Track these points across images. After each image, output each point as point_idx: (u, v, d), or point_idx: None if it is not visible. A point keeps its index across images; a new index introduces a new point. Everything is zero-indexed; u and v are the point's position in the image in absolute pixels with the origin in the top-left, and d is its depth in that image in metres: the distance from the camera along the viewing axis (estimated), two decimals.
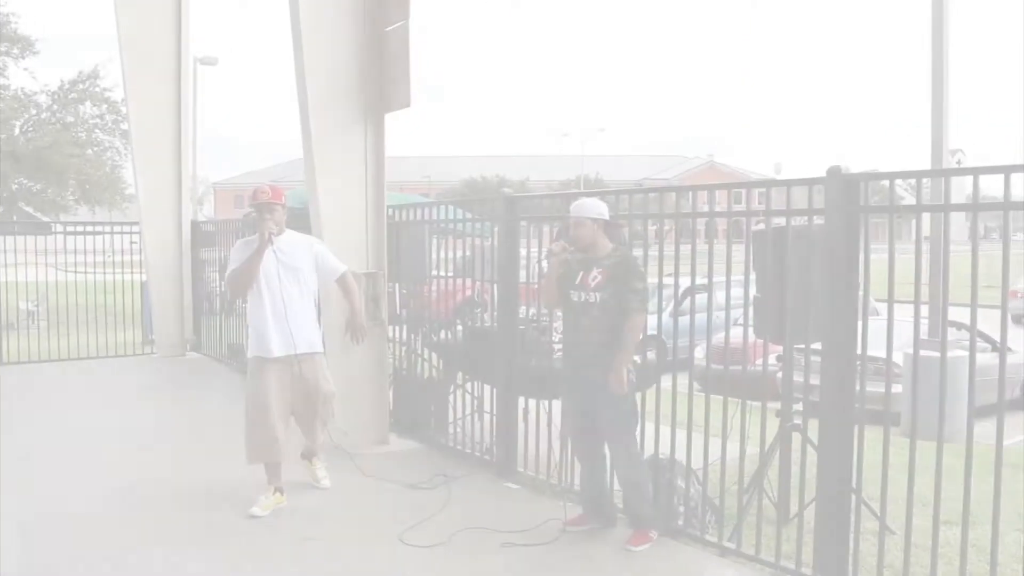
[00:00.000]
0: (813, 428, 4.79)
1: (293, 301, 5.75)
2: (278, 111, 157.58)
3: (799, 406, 5.05)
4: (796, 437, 5.14)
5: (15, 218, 19.37)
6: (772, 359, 5.33)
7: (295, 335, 5.71)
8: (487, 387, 7.15)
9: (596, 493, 5.43)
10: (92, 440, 7.76)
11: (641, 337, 5.20)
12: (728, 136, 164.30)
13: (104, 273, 14.91)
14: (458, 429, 7.40)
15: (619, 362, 4.99)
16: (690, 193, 5.60)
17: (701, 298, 7.15)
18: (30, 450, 7.33)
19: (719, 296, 5.19)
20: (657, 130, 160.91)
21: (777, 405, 5.51)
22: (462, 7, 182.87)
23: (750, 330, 5.23)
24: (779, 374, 7.14)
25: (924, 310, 4.83)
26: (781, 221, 4.86)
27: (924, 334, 7.42)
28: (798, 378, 4.78)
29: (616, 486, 5.44)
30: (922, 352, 4.48)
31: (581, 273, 5.19)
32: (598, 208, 5.22)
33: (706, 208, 5.26)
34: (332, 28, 7.14)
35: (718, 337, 6.70)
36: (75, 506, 5.94)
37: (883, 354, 4.44)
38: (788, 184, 4.79)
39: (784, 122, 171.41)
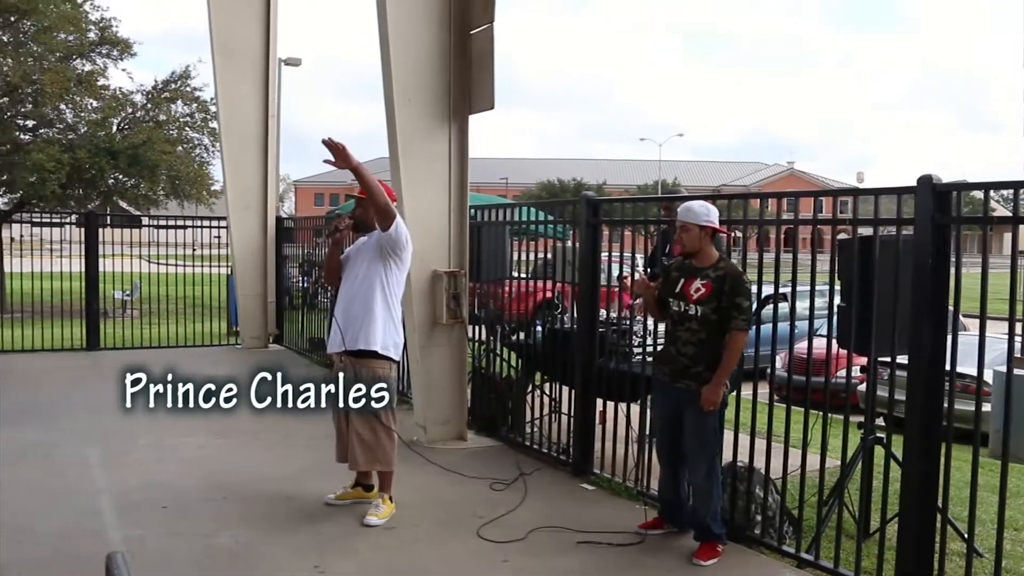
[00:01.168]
0: (897, 442, 4.73)
1: (348, 299, 5.58)
2: (355, 110, 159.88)
3: (882, 419, 4.98)
4: (878, 451, 5.08)
5: (108, 211, 20.03)
6: (855, 371, 5.24)
7: (346, 332, 5.50)
8: (565, 388, 7.19)
9: (674, 499, 5.38)
10: (181, 425, 8.00)
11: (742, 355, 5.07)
12: (808, 142, 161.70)
13: (191, 266, 15.39)
14: (535, 428, 7.47)
15: (717, 380, 4.89)
16: (778, 200, 5.52)
17: (781, 307, 7.09)
18: (128, 431, 7.61)
19: (799, 305, 5.13)
20: (735, 134, 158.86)
21: (859, 418, 5.44)
22: (539, 6, 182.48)
23: (833, 340, 5.16)
24: (860, 386, 7.08)
25: (1018, 327, 4.70)
26: (867, 231, 4.81)
27: (1017, 352, 7.24)
28: (881, 392, 4.72)
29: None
30: (1016, 371, 4.38)
31: (683, 281, 5.05)
32: (707, 213, 5.02)
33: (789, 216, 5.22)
34: (418, 31, 7.26)
35: (799, 347, 6.63)
36: (167, 486, 6.19)
37: (973, 371, 4.35)
38: (876, 192, 4.73)
39: (866, 128, 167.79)
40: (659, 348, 5.65)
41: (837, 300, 5.09)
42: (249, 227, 13.10)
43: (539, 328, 7.72)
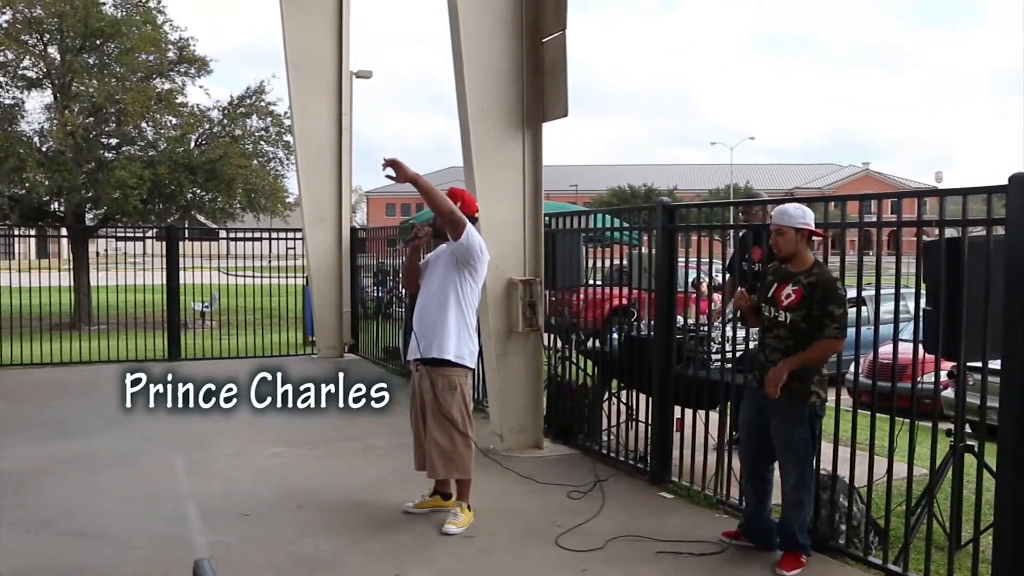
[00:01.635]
0: (990, 451, 4.58)
1: (424, 308, 5.59)
2: (424, 120, 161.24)
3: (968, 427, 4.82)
4: (968, 459, 4.92)
5: (187, 224, 20.52)
6: (943, 376, 5.09)
7: (422, 340, 5.52)
8: (642, 395, 7.13)
9: (756, 514, 5.24)
10: (259, 433, 8.15)
11: (829, 361, 4.89)
12: (883, 142, 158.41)
13: (268, 278, 15.66)
14: (611, 436, 7.41)
15: (786, 364, 4.74)
16: (860, 203, 5.39)
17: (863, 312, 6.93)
18: (207, 439, 7.77)
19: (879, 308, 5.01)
20: (808, 136, 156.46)
21: (947, 425, 5.28)
22: (609, 13, 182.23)
23: (916, 345, 5.01)
24: (944, 391, 6.88)
25: None
26: (951, 232, 4.67)
27: None
28: (971, 399, 4.57)
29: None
30: None
31: (776, 285, 4.94)
32: (803, 216, 4.89)
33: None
34: (491, 40, 7.28)
35: (882, 352, 6.46)
36: (247, 493, 6.29)
37: None
38: (964, 192, 4.58)
39: (943, 128, 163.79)
40: (742, 353, 5.56)
41: (922, 303, 4.95)
42: (324, 238, 13.28)
43: (615, 335, 7.67)
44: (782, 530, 5.05)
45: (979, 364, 5.17)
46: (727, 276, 6.76)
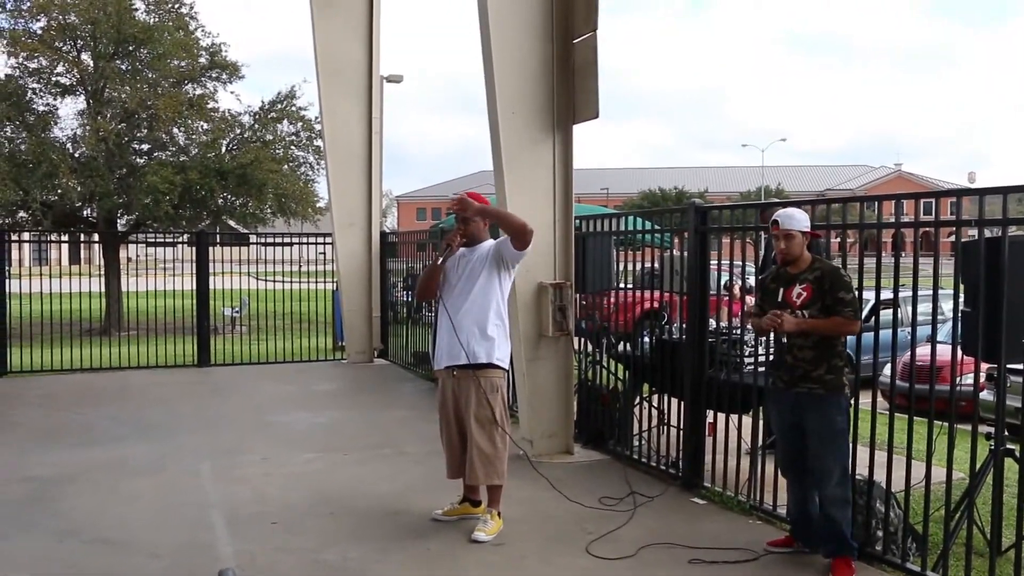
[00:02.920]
0: None
1: (462, 313, 5.53)
2: (455, 123, 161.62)
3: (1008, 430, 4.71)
4: (1009, 463, 4.81)
5: (218, 230, 20.64)
6: (981, 379, 4.98)
7: (455, 348, 5.50)
8: (673, 400, 7.05)
9: (803, 516, 5.16)
10: (288, 440, 8.16)
11: (841, 338, 4.91)
12: (915, 143, 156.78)
13: (298, 282, 15.70)
14: (643, 441, 7.34)
15: (804, 322, 4.82)
16: (895, 203, 5.30)
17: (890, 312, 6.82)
18: (237, 446, 7.79)
19: (909, 310, 4.91)
20: (839, 138, 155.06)
21: (986, 428, 5.16)
22: (641, 15, 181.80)
23: (950, 347, 4.90)
24: (982, 393, 6.74)
25: None
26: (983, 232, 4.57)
27: None
28: (1012, 401, 4.47)
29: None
30: None
31: (782, 290, 5.00)
32: (806, 218, 5.02)
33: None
34: (521, 42, 7.23)
35: (918, 353, 6.34)
36: (276, 501, 6.26)
37: None
38: (1004, 192, 4.49)
39: (977, 128, 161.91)
40: (771, 358, 5.49)
41: (956, 304, 4.86)
42: (354, 243, 13.29)
43: (646, 339, 7.59)
44: (831, 532, 4.92)
45: (1020, 366, 5.05)
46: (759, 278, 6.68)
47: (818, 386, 4.85)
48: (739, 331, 6.49)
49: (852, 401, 5.10)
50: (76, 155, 19.09)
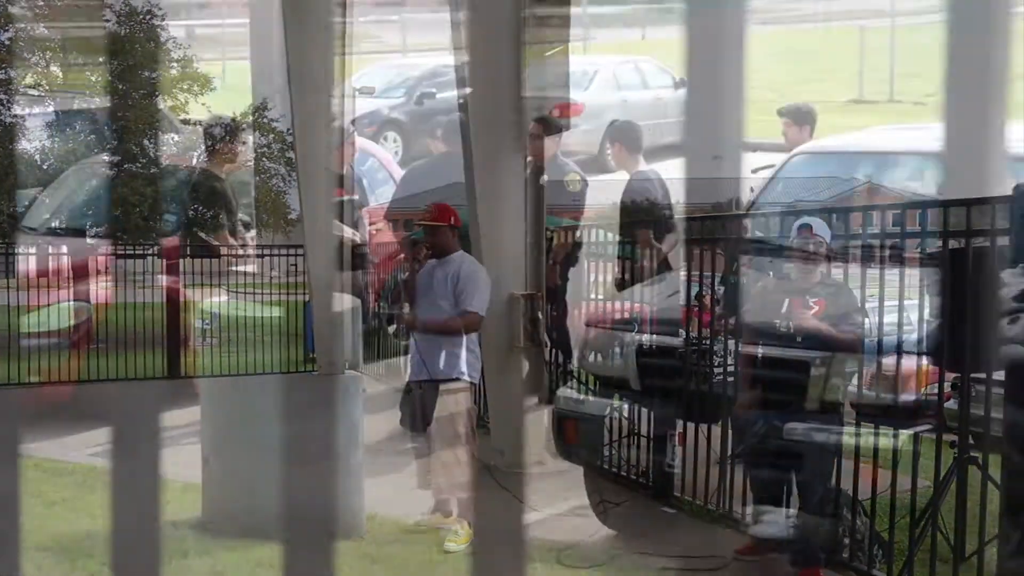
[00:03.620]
0: (994, 462, 4.54)
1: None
2: None
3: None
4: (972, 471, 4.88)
5: (188, 242, 20.45)
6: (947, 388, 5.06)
7: (427, 358, 5.62)
8: (644, 410, 7.07)
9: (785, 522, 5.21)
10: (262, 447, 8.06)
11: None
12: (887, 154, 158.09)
13: (269, 294, 15.59)
14: (613, 451, 7.34)
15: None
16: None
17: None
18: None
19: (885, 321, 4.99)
20: None
21: (952, 436, 5.23)
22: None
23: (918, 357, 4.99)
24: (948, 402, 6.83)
25: None
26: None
27: None
28: (975, 410, 4.55)
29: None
30: None
31: (787, 300, 5.01)
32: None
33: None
34: (494, 54, 7.27)
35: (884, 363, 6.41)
36: (242, 515, 6.20)
37: None
38: (968, 204, 4.58)
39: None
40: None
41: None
42: (324, 254, 13.19)
43: (617, 350, 7.60)
44: (799, 545, 4.97)
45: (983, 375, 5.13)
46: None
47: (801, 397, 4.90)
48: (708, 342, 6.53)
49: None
50: (44, 167, 18.88)
